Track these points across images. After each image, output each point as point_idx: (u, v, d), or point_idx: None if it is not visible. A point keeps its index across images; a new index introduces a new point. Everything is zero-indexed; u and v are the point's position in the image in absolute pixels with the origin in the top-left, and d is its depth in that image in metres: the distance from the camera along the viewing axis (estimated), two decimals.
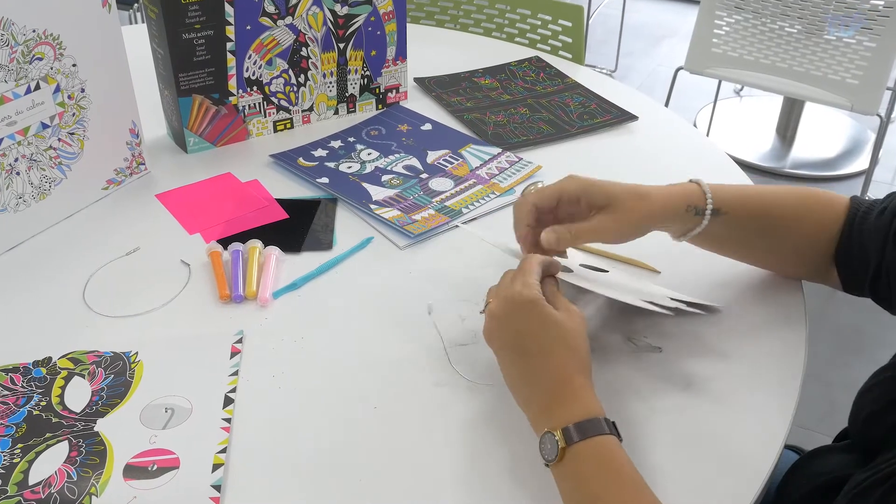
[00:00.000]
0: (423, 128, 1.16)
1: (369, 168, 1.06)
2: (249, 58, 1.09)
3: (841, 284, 0.81)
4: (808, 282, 0.86)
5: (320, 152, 1.09)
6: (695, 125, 2.85)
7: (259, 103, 1.13)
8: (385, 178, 1.04)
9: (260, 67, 1.10)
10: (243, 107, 1.12)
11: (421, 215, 0.97)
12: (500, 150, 1.10)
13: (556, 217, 0.77)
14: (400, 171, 1.06)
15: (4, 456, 0.67)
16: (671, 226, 0.79)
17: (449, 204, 0.99)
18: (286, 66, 1.12)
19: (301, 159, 1.08)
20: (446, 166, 1.07)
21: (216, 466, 0.66)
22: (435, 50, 1.40)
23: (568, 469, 0.62)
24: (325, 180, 1.03)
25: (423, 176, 1.05)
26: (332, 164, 1.07)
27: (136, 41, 1.09)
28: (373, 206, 0.98)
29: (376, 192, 1.01)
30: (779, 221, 0.80)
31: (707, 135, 2.73)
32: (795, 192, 0.81)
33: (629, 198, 0.76)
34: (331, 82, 1.17)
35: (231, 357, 0.77)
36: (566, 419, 0.62)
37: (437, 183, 1.03)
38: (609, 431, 0.62)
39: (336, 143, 1.12)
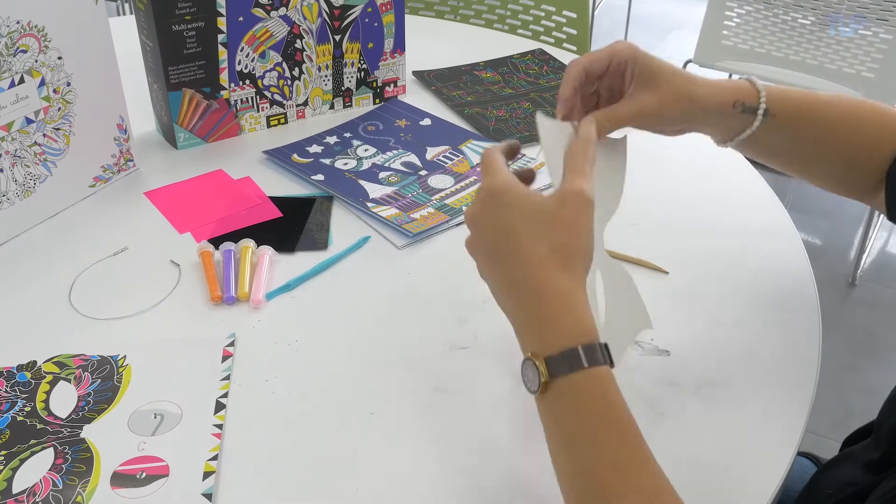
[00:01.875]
0: (422, 123, 1.16)
1: (366, 165, 1.06)
2: (242, 50, 1.09)
3: (886, 209, 0.77)
4: (856, 200, 0.83)
5: (315, 148, 1.09)
6: None
7: (252, 97, 1.13)
8: (382, 175, 1.04)
9: (253, 60, 1.10)
10: (235, 101, 1.12)
11: (420, 214, 0.97)
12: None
13: (599, 95, 0.75)
14: (398, 167, 1.06)
15: None
16: (716, 122, 0.76)
17: (449, 202, 0.99)
18: (280, 59, 1.12)
19: (295, 155, 1.08)
20: (446, 163, 1.07)
21: (207, 474, 0.66)
22: (434, 42, 1.40)
23: (549, 405, 0.56)
24: (320, 177, 1.03)
25: (423, 173, 1.05)
26: (327, 161, 1.07)
27: (124, 33, 1.09)
28: (370, 205, 0.98)
29: (373, 190, 1.01)
30: (833, 130, 0.77)
31: None
32: (853, 102, 0.78)
33: (676, 76, 0.72)
34: (326, 76, 1.17)
35: (223, 361, 0.77)
36: (549, 343, 0.55)
37: (437, 180, 1.04)
38: (602, 361, 0.55)
39: (332, 139, 1.12)
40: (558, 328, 0.56)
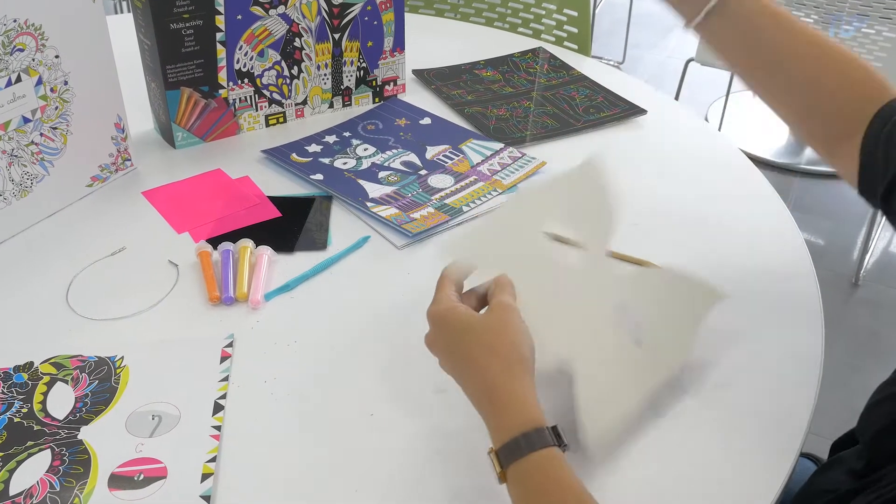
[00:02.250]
0: (421, 122, 1.16)
1: (366, 164, 1.06)
2: (240, 49, 1.09)
3: (857, 181, 0.76)
4: (817, 153, 0.81)
5: (314, 148, 1.09)
6: (706, 119, 2.85)
7: (250, 96, 1.13)
8: (382, 174, 1.04)
9: (251, 59, 1.10)
10: (234, 100, 1.12)
11: (420, 213, 0.97)
12: (502, 145, 1.10)
13: None
14: (398, 167, 1.06)
15: None
16: None
17: (449, 202, 0.99)
18: (279, 58, 1.12)
19: (294, 155, 1.07)
20: (446, 162, 1.07)
21: (205, 476, 0.66)
22: (434, 40, 1.40)
23: (513, 492, 0.60)
24: (319, 177, 1.03)
25: (422, 172, 1.05)
26: (326, 160, 1.07)
27: (122, 31, 1.09)
28: (369, 204, 0.98)
29: (373, 190, 1.01)
30: (799, 42, 0.77)
31: (719, 129, 2.73)
32: (826, 38, 0.77)
33: None
34: (325, 74, 1.17)
35: (221, 362, 0.77)
36: (498, 437, 0.60)
37: (437, 180, 1.03)
38: (548, 443, 0.59)
39: (331, 138, 1.12)
40: (503, 422, 0.61)
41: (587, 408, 0.66)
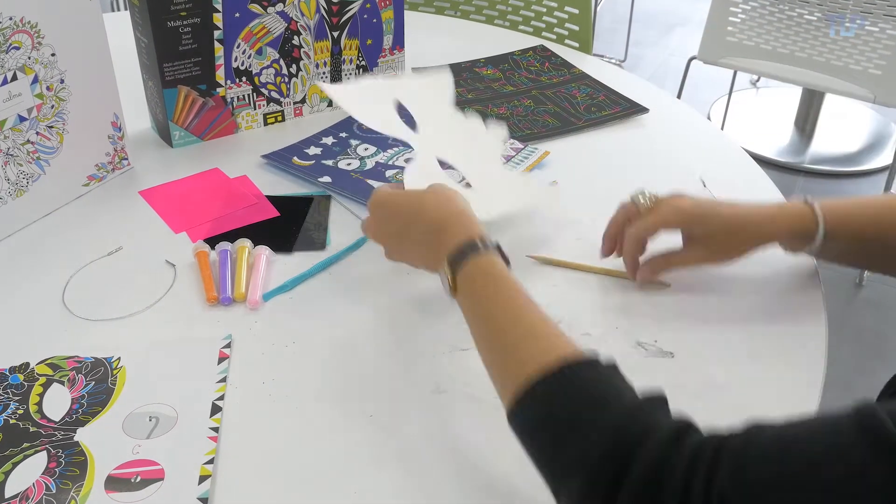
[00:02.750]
0: None
1: (370, 164, 1.06)
2: (238, 47, 1.09)
3: None
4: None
5: (314, 150, 1.09)
6: (709, 118, 2.85)
7: (248, 95, 1.13)
8: (389, 173, 1.04)
9: (249, 57, 1.10)
10: (232, 99, 1.12)
11: None
12: None
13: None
14: (403, 165, 1.06)
15: None
16: (776, 244, 0.82)
17: None
18: (277, 56, 1.12)
19: (296, 158, 1.07)
20: None
21: (203, 478, 0.66)
22: (434, 38, 1.40)
23: (462, 296, 0.69)
24: (327, 179, 1.03)
25: None
26: (329, 162, 1.06)
27: (119, 29, 1.09)
28: None
29: None
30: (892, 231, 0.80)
31: (721, 128, 2.73)
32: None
33: (724, 234, 0.80)
34: (324, 73, 1.17)
35: (219, 363, 0.77)
36: (447, 252, 0.70)
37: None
38: (490, 250, 0.69)
39: (328, 140, 1.12)
40: (452, 240, 0.71)
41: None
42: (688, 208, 0.81)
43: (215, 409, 0.72)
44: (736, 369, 0.77)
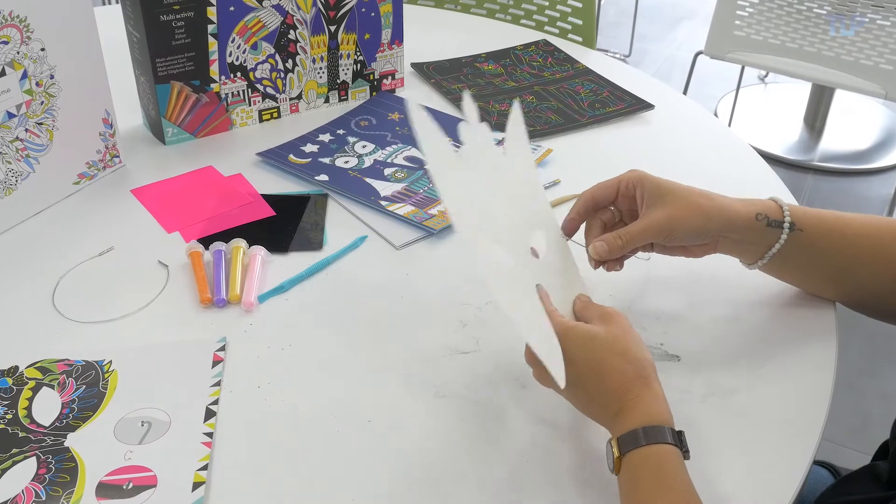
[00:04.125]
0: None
1: (368, 162, 1.06)
2: (233, 41, 1.09)
3: None
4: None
5: (311, 147, 1.09)
6: (716, 114, 2.85)
7: (243, 91, 1.13)
8: (388, 171, 1.04)
9: (244, 52, 1.10)
10: (226, 95, 1.12)
11: (437, 209, 0.97)
12: (504, 134, 1.10)
13: (614, 219, 0.81)
14: (402, 162, 1.06)
15: None
16: (739, 237, 0.78)
17: None
18: (272, 51, 1.12)
19: (292, 156, 1.07)
20: None
21: (197, 485, 0.66)
22: (434, 33, 1.40)
23: (624, 479, 0.63)
24: (324, 178, 1.03)
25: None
26: (326, 160, 1.06)
27: (110, 23, 1.09)
28: (383, 203, 0.98)
29: (382, 188, 1.01)
30: (860, 245, 0.79)
31: (729, 125, 2.73)
32: (878, 220, 0.81)
33: (688, 192, 0.77)
34: (321, 68, 1.17)
35: (213, 366, 0.77)
36: (621, 428, 0.64)
37: None
38: (671, 441, 0.63)
39: (325, 137, 1.12)
40: (633, 417, 0.65)
41: None
42: (648, 173, 0.79)
43: (209, 414, 0.72)
44: (743, 373, 0.77)
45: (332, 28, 1.15)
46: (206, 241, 0.91)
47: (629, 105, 1.20)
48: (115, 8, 1.17)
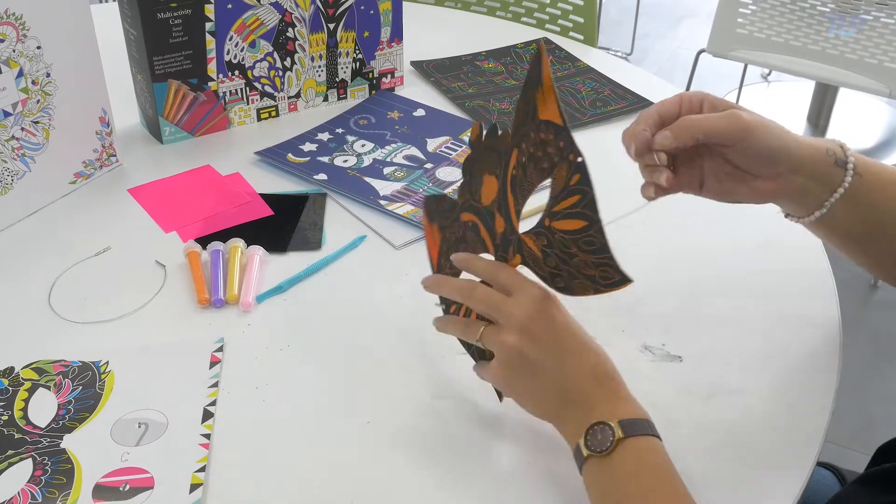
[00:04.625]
0: (415, 114, 1.16)
1: (367, 161, 1.06)
2: (231, 39, 1.09)
3: None
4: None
5: (309, 146, 1.09)
6: None
7: (241, 89, 1.13)
8: (387, 170, 1.04)
9: (242, 50, 1.10)
10: (224, 93, 1.12)
11: None
12: None
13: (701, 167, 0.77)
14: (401, 161, 1.06)
15: None
16: (808, 171, 0.73)
17: None
18: (271, 49, 1.12)
19: (290, 155, 1.07)
20: (450, 154, 1.07)
21: (194, 486, 0.66)
22: (434, 31, 1.40)
23: (612, 464, 0.62)
24: (323, 177, 1.03)
25: (428, 166, 1.05)
26: (325, 159, 1.07)
27: (107, 21, 1.09)
28: (383, 202, 0.98)
29: (382, 187, 1.01)
30: None
31: None
32: None
33: (755, 115, 0.73)
34: (320, 66, 1.17)
35: (210, 367, 0.77)
36: (618, 414, 0.63)
37: (445, 172, 1.04)
38: (657, 435, 0.63)
39: (324, 136, 1.12)
40: (623, 406, 0.64)
41: None
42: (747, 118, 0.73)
43: (207, 415, 0.72)
44: (746, 373, 0.77)
45: (331, 26, 1.15)
46: (203, 241, 0.91)
47: (631, 104, 1.20)
48: (112, 6, 1.17)
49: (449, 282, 0.73)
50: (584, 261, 0.64)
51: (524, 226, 0.68)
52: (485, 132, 0.70)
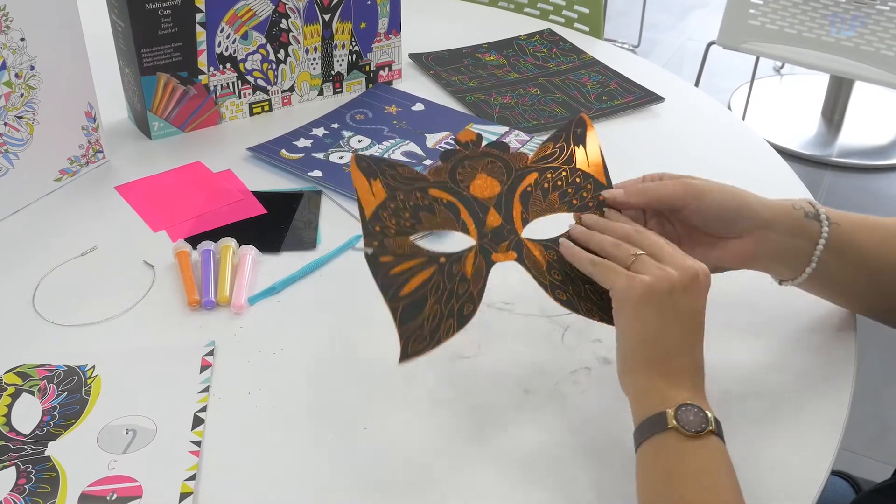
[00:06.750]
0: (414, 108, 1.16)
1: None
2: (222, 31, 1.09)
3: None
4: None
5: (304, 142, 1.09)
6: (729, 107, 2.85)
7: (233, 83, 1.13)
8: None
9: (234, 42, 1.10)
10: (215, 87, 1.12)
11: None
12: (506, 128, 1.11)
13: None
14: (399, 158, 1.06)
15: None
16: (778, 235, 0.75)
17: None
18: (263, 41, 1.12)
19: (284, 151, 1.07)
20: None
21: (184, 495, 0.66)
22: (433, 22, 1.40)
23: (693, 448, 0.63)
24: (318, 174, 1.03)
25: (427, 162, 1.05)
26: (320, 155, 1.07)
27: (93, 13, 1.09)
28: None
29: None
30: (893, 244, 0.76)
31: (743, 118, 2.73)
32: None
33: (709, 181, 0.77)
34: (314, 59, 1.17)
35: (201, 371, 0.77)
36: (709, 410, 0.65)
37: None
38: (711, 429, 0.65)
39: (319, 131, 1.12)
40: (706, 402, 0.67)
41: None
42: (694, 181, 0.77)
43: (197, 422, 0.72)
44: (758, 379, 0.78)
45: (326, 17, 1.15)
46: (193, 241, 0.92)
47: (638, 98, 1.20)
48: None
49: (617, 220, 0.75)
50: (597, 290, 0.73)
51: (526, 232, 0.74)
52: (484, 142, 0.78)
